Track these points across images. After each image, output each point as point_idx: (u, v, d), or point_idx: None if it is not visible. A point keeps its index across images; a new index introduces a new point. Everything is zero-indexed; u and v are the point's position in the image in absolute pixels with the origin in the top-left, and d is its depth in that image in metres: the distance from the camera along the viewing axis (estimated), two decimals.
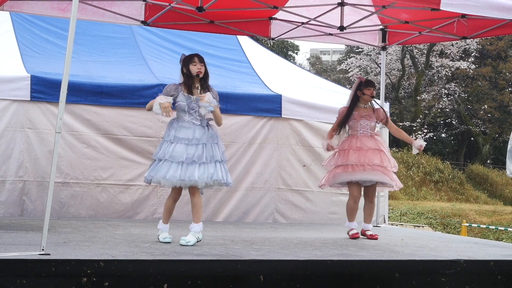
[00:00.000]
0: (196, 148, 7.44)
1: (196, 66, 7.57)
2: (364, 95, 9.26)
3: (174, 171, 7.37)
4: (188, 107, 7.51)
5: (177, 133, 7.47)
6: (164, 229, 7.69)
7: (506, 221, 29.36)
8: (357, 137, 9.22)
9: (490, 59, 46.75)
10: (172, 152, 7.41)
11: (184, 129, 7.47)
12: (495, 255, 7.90)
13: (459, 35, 10.27)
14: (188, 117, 7.52)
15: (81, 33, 11.15)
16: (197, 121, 7.54)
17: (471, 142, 49.73)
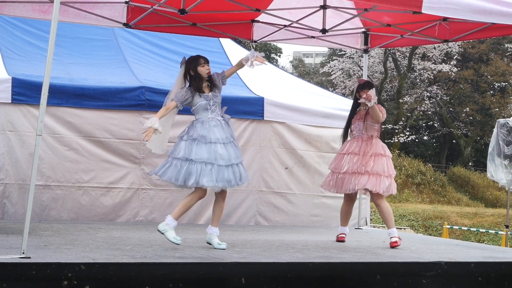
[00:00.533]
0: (231, 147, 7.51)
1: (205, 67, 7.68)
2: (360, 97, 9.03)
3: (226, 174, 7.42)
4: (209, 104, 7.52)
5: (204, 131, 7.46)
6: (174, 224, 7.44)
7: (487, 223, 29.47)
8: (352, 141, 9.12)
9: (472, 62, 46.93)
10: (215, 154, 7.40)
11: (213, 127, 7.50)
12: (476, 257, 7.93)
13: (440, 38, 10.32)
14: (211, 115, 7.55)
15: (63, 35, 11.10)
16: (219, 116, 7.60)
17: (453, 145, 49.87)
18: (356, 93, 9.17)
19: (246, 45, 23.43)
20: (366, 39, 11.40)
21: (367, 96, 8.82)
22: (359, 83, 9.24)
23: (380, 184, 8.87)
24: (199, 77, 7.63)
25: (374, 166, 8.88)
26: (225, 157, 7.41)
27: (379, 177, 8.91)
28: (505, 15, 7.40)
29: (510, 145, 16.44)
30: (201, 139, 7.43)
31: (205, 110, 7.56)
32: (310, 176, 11.80)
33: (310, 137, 11.78)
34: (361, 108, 9.15)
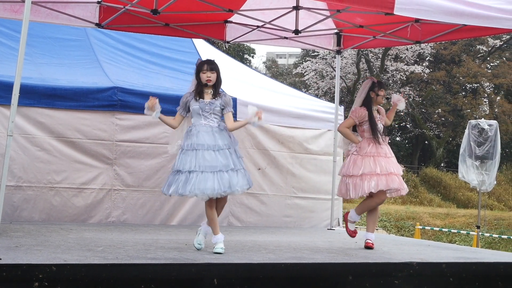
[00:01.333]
0: (222, 154, 7.41)
1: (206, 74, 7.53)
2: (378, 96, 8.75)
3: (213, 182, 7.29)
4: (202, 110, 7.47)
5: (197, 139, 7.39)
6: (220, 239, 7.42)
7: (459, 224, 29.65)
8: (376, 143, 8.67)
9: (444, 64, 47.21)
10: (204, 162, 7.32)
11: (204, 133, 7.41)
12: (447, 257, 7.97)
13: (413, 39, 10.37)
14: (204, 120, 7.48)
15: (34, 35, 11.05)
16: (214, 123, 7.51)
17: (425, 146, 50.15)
18: (371, 92, 8.76)
19: (219, 45, 23.42)
20: (339, 40, 11.44)
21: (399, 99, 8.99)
22: (374, 81, 8.83)
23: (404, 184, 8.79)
24: (201, 83, 7.58)
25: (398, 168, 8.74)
26: (211, 164, 7.34)
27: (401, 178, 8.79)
28: (476, 16, 7.45)
29: (481, 146, 16.59)
30: (189, 147, 7.40)
31: (198, 116, 7.49)
32: (283, 177, 11.82)
33: (283, 138, 11.79)
34: (374, 108, 8.79)
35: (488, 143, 16.57)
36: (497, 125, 16.93)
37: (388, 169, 8.56)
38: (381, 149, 8.67)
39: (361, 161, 8.61)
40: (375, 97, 8.75)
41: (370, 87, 8.76)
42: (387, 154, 8.70)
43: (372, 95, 8.74)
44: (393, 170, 8.60)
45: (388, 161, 8.64)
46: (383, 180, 8.49)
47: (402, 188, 8.65)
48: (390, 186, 8.52)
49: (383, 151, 8.67)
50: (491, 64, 47.73)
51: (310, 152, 12.03)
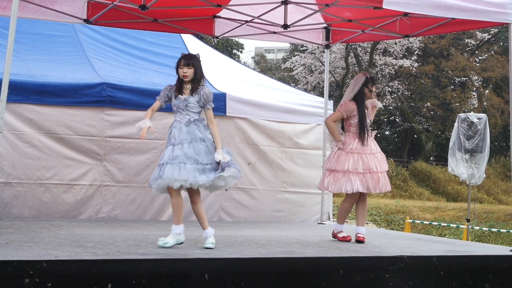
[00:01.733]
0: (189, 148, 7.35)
1: (183, 69, 7.50)
2: (371, 92, 8.82)
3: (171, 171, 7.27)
4: (176, 107, 7.47)
5: (170, 135, 7.43)
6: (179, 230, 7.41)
7: (448, 217, 29.74)
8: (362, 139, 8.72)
9: (432, 57, 47.32)
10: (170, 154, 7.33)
11: (175, 129, 7.42)
12: (437, 250, 7.99)
13: (401, 33, 10.38)
14: (178, 117, 7.47)
15: (22, 31, 11.00)
16: (184, 119, 7.46)
17: (415, 140, 50.26)
18: (365, 87, 8.80)
19: (207, 40, 23.39)
20: (328, 35, 11.44)
21: None
22: (367, 77, 8.85)
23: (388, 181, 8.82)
24: (179, 78, 7.57)
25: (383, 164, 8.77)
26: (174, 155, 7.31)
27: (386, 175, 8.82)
28: (465, 10, 7.47)
29: (470, 140, 16.63)
30: (168, 142, 7.42)
31: (174, 112, 7.52)
32: (273, 171, 11.83)
33: (272, 132, 11.80)
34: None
35: (477, 136, 16.61)
36: (486, 119, 16.97)
37: (371, 167, 8.58)
38: (367, 145, 8.71)
39: (345, 157, 8.66)
40: (367, 93, 8.80)
41: (364, 83, 8.78)
42: (372, 150, 8.73)
43: (365, 90, 8.78)
44: (376, 168, 8.61)
45: (372, 158, 8.66)
46: (363, 180, 8.54)
47: (382, 187, 8.62)
48: (367, 187, 8.55)
49: (368, 148, 8.70)
50: (480, 57, 47.87)
51: (299, 147, 12.04)
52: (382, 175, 8.67)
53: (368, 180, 8.56)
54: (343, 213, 8.90)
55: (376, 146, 8.85)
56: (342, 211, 8.90)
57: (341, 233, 8.81)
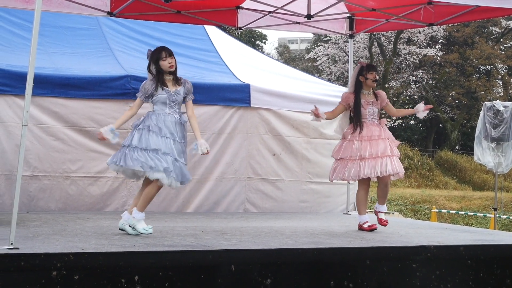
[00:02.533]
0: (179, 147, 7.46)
1: (167, 60, 7.51)
2: (367, 79, 8.83)
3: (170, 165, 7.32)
4: (169, 100, 7.48)
5: (162, 125, 7.41)
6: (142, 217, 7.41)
7: (475, 206, 29.59)
8: (367, 126, 8.81)
9: (457, 46, 47.02)
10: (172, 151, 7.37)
11: (169, 122, 7.44)
12: (464, 240, 7.95)
13: (425, 22, 10.31)
14: (168, 110, 7.49)
15: (47, 24, 11.04)
16: (176, 114, 7.53)
17: (440, 129, 50.05)
18: (361, 76, 8.87)
19: (230, 32, 23.38)
20: (351, 24, 11.39)
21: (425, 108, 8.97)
22: (362, 65, 8.93)
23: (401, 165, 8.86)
24: (161, 71, 7.54)
25: (395, 149, 8.82)
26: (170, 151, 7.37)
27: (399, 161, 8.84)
28: None
29: (497, 128, 16.52)
30: (157, 131, 7.39)
31: (163, 104, 7.50)
32: (298, 162, 11.80)
33: (297, 123, 11.77)
34: (365, 92, 8.90)
35: (503, 124, 16.49)
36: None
37: (371, 152, 8.66)
38: (367, 131, 8.78)
39: (342, 145, 8.90)
40: (364, 81, 8.87)
41: (358, 72, 8.89)
42: (373, 136, 8.77)
43: (362, 79, 8.87)
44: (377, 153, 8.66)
45: (374, 144, 8.72)
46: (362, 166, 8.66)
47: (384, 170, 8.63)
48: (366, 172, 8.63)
49: (367, 134, 8.77)
50: (505, 45, 47.48)
51: (324, 137, 12.00)
52: (387, 159, 8.66)
53: (370, 164, 8.64)
54: (359, 202, 9.04)
55: (383, 132, 8.84)
56: (358, 201, 9.09)
57: (366, 223, 8.79)
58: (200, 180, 11.01)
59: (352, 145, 8.77)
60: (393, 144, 8.83)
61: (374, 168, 8.59)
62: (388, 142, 8.79)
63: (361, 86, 8.90)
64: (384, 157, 8.64)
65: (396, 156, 8.77)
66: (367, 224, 8.76)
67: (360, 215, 8.94)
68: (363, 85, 8.89)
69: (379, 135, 8.76)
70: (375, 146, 8.68)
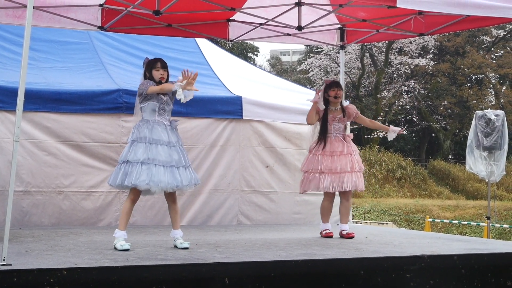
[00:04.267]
0: (175, 151, 7.53)
1: (159, 72, 7.67)
2: (330, 96, 9.38)
3: (163, 175, 7.37)
4: (159, 108, 7.55)
5: (152, 134, 7.47)
6: (123, 236, 7.42)
7: (468, 215, 29.61)
8: (330, 141, 9.32)
9: (448, 55, 47.15)
10: (157, 156, 7.39)
11: (158, 130, 7.50)
12: (458, 249, 7.95)
13: (416, 32, 10.34)
14: (158, 117, 7.57)
15: (38, 38, 11.04)
16: (166, 121, 7.62)
17: (432, 138, 50.12)
18: (325, 94, 9.42)
19: (222, 44, 23.41)
20: (342, 35, 11.41)
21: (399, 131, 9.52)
22: (326, 84, 9.54)
23: (362, 181, 9.40)
24: (152, 79, 7.66)
25: (356, 165, 9.30)
26: (164, 159, 7.41)
27: (360, 175, 9.36)
28: (479, 6, 7.42)
29: (489, 137, 16.54)
30: (142, 140, 7.45)
31: (152, 112, 7.60)
32: (291, 174, 11.80)
33: (289, 134, 11.78)
34: (332, 108, 9.42)
35: (495, 133, 16.52)
36: (504, 115, 16.89)
37: (334, 167, 9.19)
38: (331, 147, 9.30)
39: (307, 159, 9.47)
40: (328, 98, 9.44)
41: (324, 90, 9.48)
42: (335, 152, 9.28)
43: (326, 96, 9.44)
44: (340, 168, 9.18)
45: (335, 160, 9.24)
46: (324, 179, 9.20)
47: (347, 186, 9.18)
48: (328, 186, 9.18)
49: (330, 150, 9.29)
50: (496, 54, 47.63)
51: None
52: (348, 175, 9.20)
53: (329, 179, 9.19)
54: (322, 211, 9.52)
55: (346, 148, 9.34)
56: (321, 210, 9.54)
57: (325, 230, 9.33)
58: (193, 193, 10.99)
59: (314, 159, 9.32)
60: (355, 160, 9.32)
61: (332, 183, 9.16)
62: (350, 158, 9.30)
63: (328, 103, 9.42)
64: (343, 173, 9.18)
65: (357, 172, 9.30)
66: (326, 231, 9.30)
67: (322, 223, 9.47)
68: (329, 102, 9.42)
69: (341, 151, 9.28)
70: (336, 161, 9.21)
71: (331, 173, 9.16)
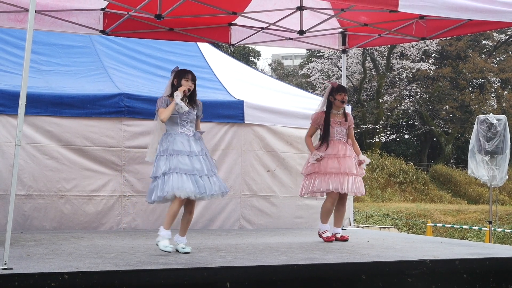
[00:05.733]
0: (197, 160, 7.54)
1: (188, 82, 7.68)
2: (336, 100, 9.38)
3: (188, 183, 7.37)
4: (180, 118, 7.59)
5: (173, 146, 7.51)
6: (167, 236, 7.46)
7: (470, 220, 29.57)
8: (333, 144, 9.31)
9: (450, 60, 47.12)
10: (179, 164, 7.41)
11: (179, 142, 7.52)
12: (460, 254, 7.94)
13: (418, 36, 10.33)
14: (180, 129, 7.62)
15: (40, 42, 11.07)
16: (190, 132, 7.65)
17: (434, 143, 50.07)
18: (330, 96, 9.43)
19: (224, 48, 23.42)
20: (344, 39, 11.41)
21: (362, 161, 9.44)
22: (333, 86, 9.49)
23: (363, 185, 9.45)
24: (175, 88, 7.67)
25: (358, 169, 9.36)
26: (185, 167, 7.42)
27: (361, 179, 9.42)
28: (481, 11, 7.42)
29: (490, 141, 16.52)
30: (163, 153, 7.49)
31: (174, 124, 7.61)
32: (292, 178, 11.79)
33: (291, 138, 11.78)
34: (335, 112, 9.42)
35: (497, 137, 16.49)
36: (506, 120, 16.86)
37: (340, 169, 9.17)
38: (333, 149, 9.29)
39: (309, 162, 9.42)
40: (333, 101, 9.41)
41: (329, 93, 9.45)
42: (339, 154, 9.27)
43: (331, 99, 9.42)
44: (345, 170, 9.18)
45: (343, 162, 9.23)
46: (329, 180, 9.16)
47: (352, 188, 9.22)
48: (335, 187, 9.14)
49: (333, 152, 9.28)
50: (497, 58, 47.60)
51: None
52: (352, 177, 9.24)
53: (337, 179, 9.16)
54: (324, 211, 9.41)
55: (348, 151, 9.36)
56: (323, 210, 9.43)
57: (326, 233, 9.29)
58: None
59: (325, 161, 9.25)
60: (357, 164, 9.37)
61: (341, 184, 9.14)
62: (354, 161, 9.34)
63: (331, 106, 9.41)
64: (350, 175, 9.21)
65: (360, 176, 9.37)
66: (326, 234, 9.26)
67: (322, 223, 9.40)
68: (333, 105, 9.41)
69: (344, 154, 9.27)
70: (343, 163, 9.20)
71: (338, 173, 9.14)
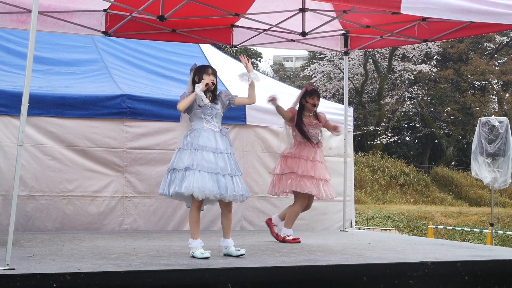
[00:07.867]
0: (222, 158, 7.44)
1: (210, 77, 7.64)
2: (307, 103, 9.45)
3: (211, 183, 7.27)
4: (204, 113, 7.54)
5: (198, 141, 7.42)
6: (199, 244, 7.30)
7: (471, 222, 29.54)
8: (308, 147, 9.37)
9: (451, 62, 47.10)
10: (202, 161, 7.31)
11: (204, 137, 7.45)
12: (461, 256, 7.94)
13: (420, 38, 10.34)
14: (206, 124, 7.56)
15: (42, 41, 11.10)
16: (216, 128, 7.59)
17: (435, 145, 50.04)
18: (303, 99, 9.49)
19: (225, 50, 23.42)
20: (346, 41, 11.41)
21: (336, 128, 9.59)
22: (307, 89, 9.55)
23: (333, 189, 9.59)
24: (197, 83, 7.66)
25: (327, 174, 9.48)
26: (208, 165, 7.34)
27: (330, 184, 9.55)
28: (484, 13, 7.43)
29: (492, 143, 16.52)
30: (187, 147, 7.41)
31: (199, 119, 7.54)
32: None
33: None
34: (307, 114, 9.48)
35: (499, 140, 16.49)
36: (508, 122, 16.86)
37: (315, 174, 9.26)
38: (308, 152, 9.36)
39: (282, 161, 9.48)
40: (305, 104, 9.48)
41: (302, 95, 9.50)
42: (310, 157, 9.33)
43: (303, 102, 9.49)
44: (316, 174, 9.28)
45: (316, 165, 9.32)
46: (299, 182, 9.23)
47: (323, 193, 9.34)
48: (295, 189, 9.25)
49: (306, 154, 9.35)
50: (499, 61, 47.56)
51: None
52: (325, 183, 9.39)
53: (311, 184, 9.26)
54: (292, 217, 9.50)
55: (319, 155, 9.44)
56: (292, 215, 9.50)
57: (290, 236, 9.35)
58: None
59: (292, 161, 9.32)
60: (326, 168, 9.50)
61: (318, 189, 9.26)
62: (324, 166, 9.45)
63: (303, 108, 9.45)
64: (323, 181, 9.35)
65: (328, 181, 9.47)
66: (291, 237, 9.34)
67: (286, 228, 9.46)
68: (304, 108, 9.46)
69: (314, 157, 9.34)
70: (318, 168, 9.30)
71: (313, 178, 9.23)
